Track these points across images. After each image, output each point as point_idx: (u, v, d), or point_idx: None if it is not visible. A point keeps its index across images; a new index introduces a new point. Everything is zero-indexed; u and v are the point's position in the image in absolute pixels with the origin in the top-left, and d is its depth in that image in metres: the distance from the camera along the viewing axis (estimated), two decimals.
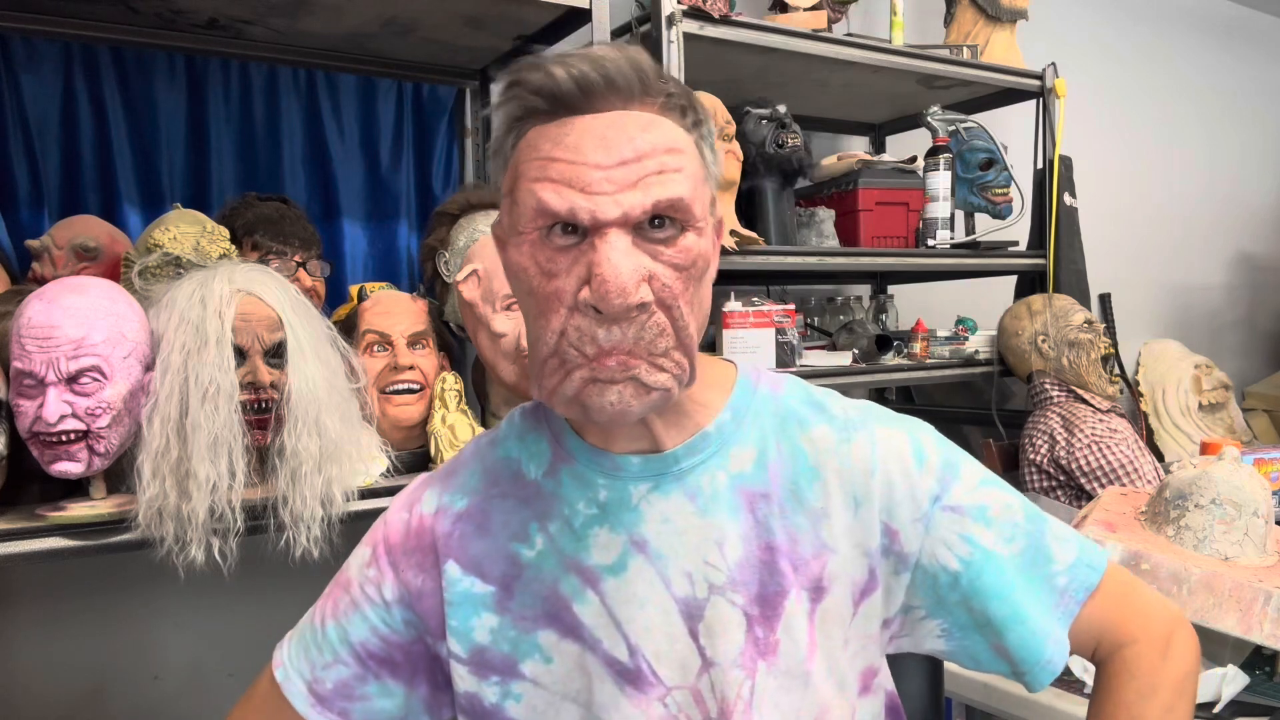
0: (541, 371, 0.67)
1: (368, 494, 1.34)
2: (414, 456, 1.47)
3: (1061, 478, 2.06)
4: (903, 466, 0.77)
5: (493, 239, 0.74)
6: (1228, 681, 1.13)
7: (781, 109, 1.95)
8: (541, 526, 0.75)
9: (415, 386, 1.47)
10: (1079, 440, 2.02)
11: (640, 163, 0.63)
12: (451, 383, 1.49)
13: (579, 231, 0.64)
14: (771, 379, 0.81)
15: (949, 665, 1.33)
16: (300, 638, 0.83)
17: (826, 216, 2.12)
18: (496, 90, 0.68)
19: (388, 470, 1.41)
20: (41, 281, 1.35)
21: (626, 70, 0.64)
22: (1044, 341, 2.20)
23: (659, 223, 0.65)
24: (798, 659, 0.73)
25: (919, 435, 0.79)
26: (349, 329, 1.50)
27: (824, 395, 0.81)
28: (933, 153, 2.15)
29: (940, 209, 2.13)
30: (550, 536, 0.75)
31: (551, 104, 0.65)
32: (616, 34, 1.74)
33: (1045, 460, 2.08)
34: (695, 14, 1.71)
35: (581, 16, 1.62)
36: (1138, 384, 3.23)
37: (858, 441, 0.77)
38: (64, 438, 1.12)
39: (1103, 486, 1.98)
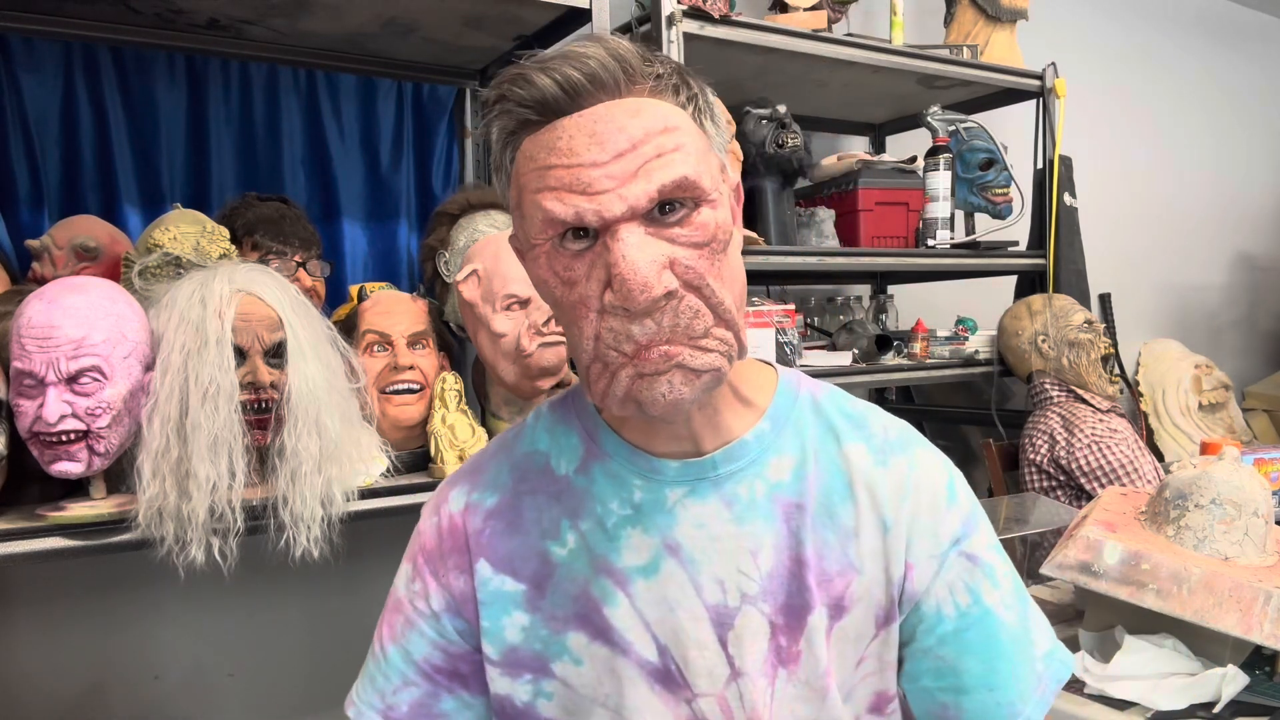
0: (587, 377, 0.66)
1: (368, 494, 1.34)
2: (414, 456, 1.47)
3: (1061, 478, 2.06)
4: (933, 499, 0.76)
5: (513, 251, 0.74)
6: (1228, 681, 1.13)
7: (781, 109, 1.95)
8: (574, 524, 0.74)
9: (415, 386, 1.47)
10: (1079, 440, 2.02)
11: (636, 151, 0.62)
12: (451, 383, 1.49)
13: (590, 234, 0.63)
14: (812, 386, 0.80)
15: None
16: (365, 673, 0.81)
17: (826, 216, 2.12)
18: (487, 104, 0.67)
19: (388, 470, 1.41)
20: (41, 281, 1.35)
21: (608, 62, 0.63)
22: (1044, 341, 2.20)
23: (669, 206, 0.63)
24: (818, 672, 0.72)
25: (954, 473, 0.79)
26: (349, 329, 1.49)
27: (864, 410, 0.80)
28: (933, 153, 2.15)
29: (940, 209, 2.13)
30: (582, 535, 0.73)
31: (541, 111, 0.63)
32: (616, 34, 1.74)
33: (1045, 460, 2.08)
34: (695, 14, 1.71)
35: (581, 16, 1.63)
36: (1138, 384, 3.23)
37: (894, 465, 0.76)
38: (64, 438, 1.12)
39: (1103, 486, 1.98)
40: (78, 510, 1.18)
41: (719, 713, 0.71)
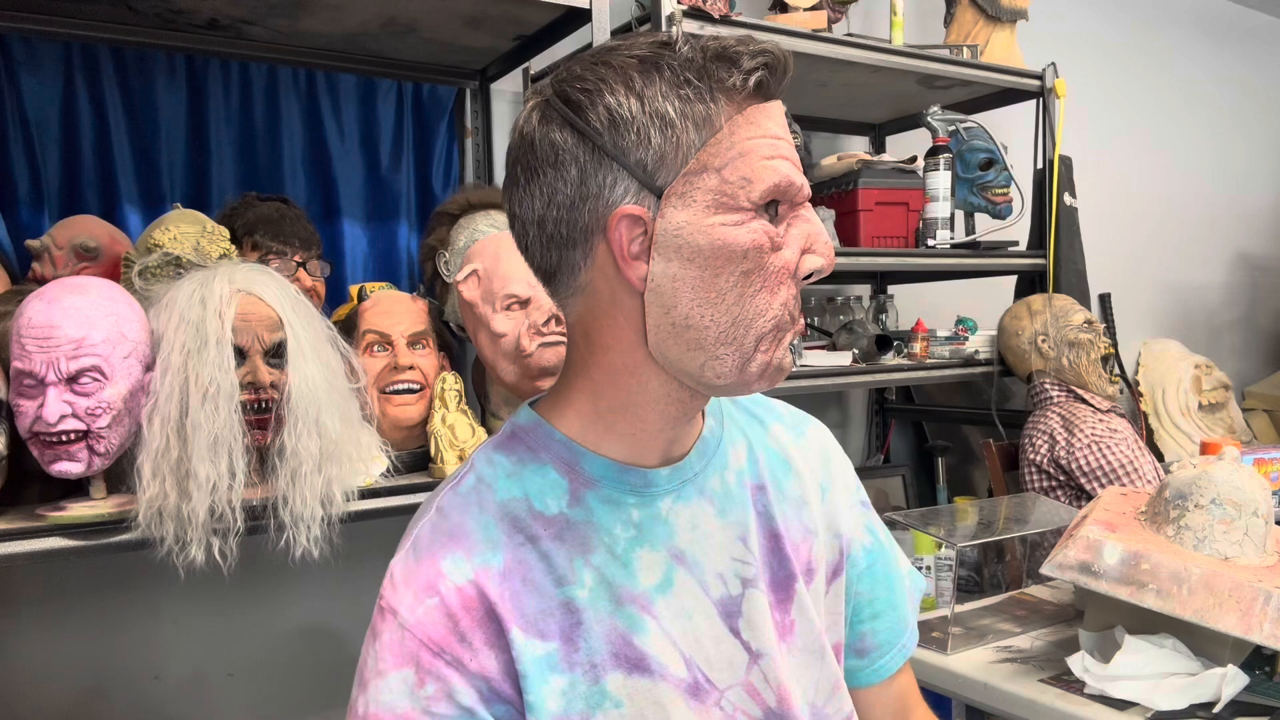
0: (755, 349, 0.66)
1: (368, 494, 1.34)
2: (414, 456, 1.47)
3: (1061, 478, 2.06)
4: (840, 459, 0.87)
5: (623, 220, 0.65)
6: (1228, 681, 1.13)
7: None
8: (586, 561, 0.70)
9: (415, 386, 1.47)
10: (1079, 440, 2.02)
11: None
12: (451, 383, 1.49)
13: (775, 207, 0.67)
14: None
15: (949, 663, 1.33)
16: None
17: (826, 216, 2.12)
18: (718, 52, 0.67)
19: (388, 470, 1.41)
20: (41, 281, 1.35)
21: None
22: (1044, 341, 2.20)
23: None
24: (813, 636, 0.77)
25: None
26: (349, 329, 1.50)
27: (762, 397, 0.87)
28: (933, 153, 2.15)
29: (940, 209, 2.13)
30: (597, 570, 0.70)
31: (776, 81, 0.67)
32: (616, 34, 1.74)
33: (1045, 460, 2.08)
34: (695, 14, 1.71)
35: (581, 16, 1.62)
36: (1138, 384, 3.23)
37: (809, 435, 0.86)
38: (64, 438, 1.12)
39: (1103, 486, 1.98)
40: (78, 510, 1.18)
41: (747, 699, 0.72)
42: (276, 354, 1.25)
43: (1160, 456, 3.00)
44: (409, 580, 0.68)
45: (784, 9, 2.02)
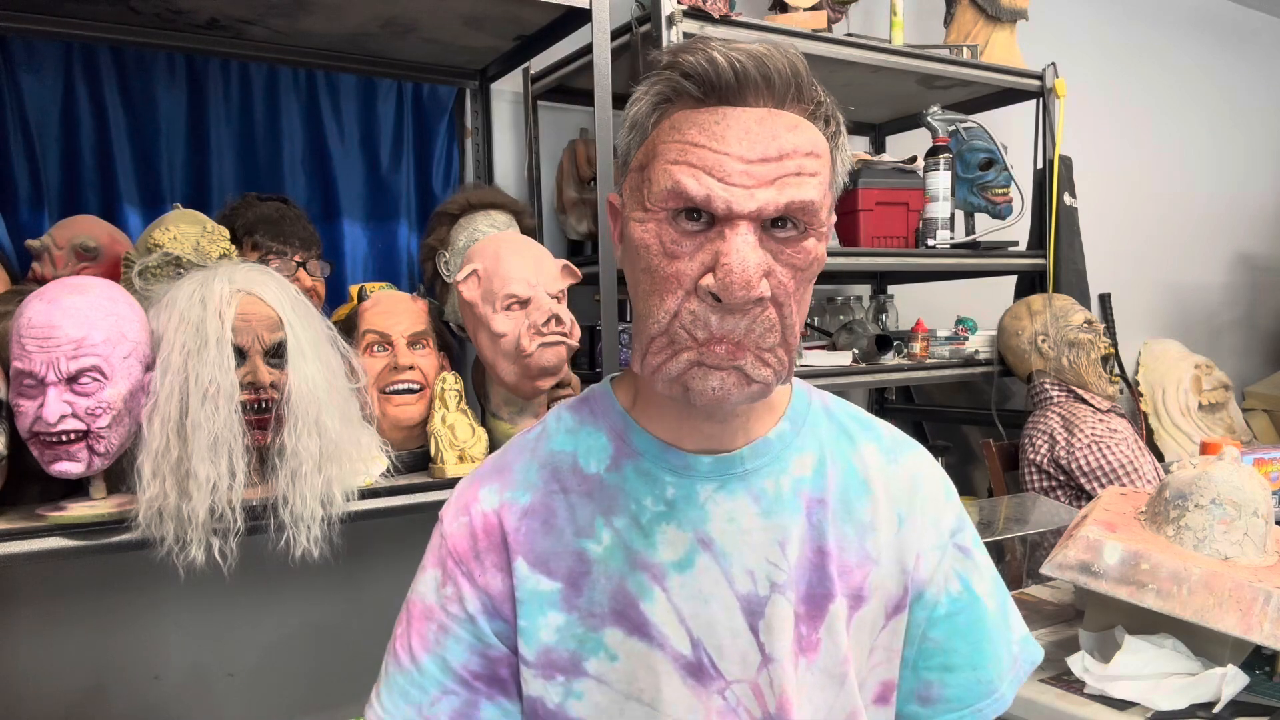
0: (648, 349, 0.69)
1: (368, 494, 1.34)
2: (414, 456, 1.47)
3: (1061, 478, 2.06)
4: (936, 494, 0.82)
5: (608, 207, 0.77)
6: (1228, 681, 1.13)
7: None
8: (608, 522, 0.75)
9: (415, 386, 1.47)
10: (1079, 440, 2.02)
11: (781, 162, 0.65)
12: (451, 383, 1.49)
13: (706, 219, 0.66)
14: (822, 395, 0.86)
15: None
16: (391, 685, 0.78)
17: None
18: (654, 64, 0.70)
19: (388, 470, 1.41)
20: (41, 281, 1.35)
21: (785, 72, 0.66)
22: (1044, 341, 2.20)
23: (783, 223, 0.66)
24: (837, 659, 0.76)
25: (945, 474, 0.86)
26: (349, 329, 1.50)
27: (869, 416, 0.86)
28: (933, 153, 2.15)
29: (940, 209, 2.13)
30: (617, 532, 0.75)
31: (704, 90, 0.66)
32: (616, 34, 1.74)
33: (1045, 460, 2.08)
34: (695, 14, 1.71)
35: (581, 16, 1.63)
36: (1138, 384, 3.23)
37: (903, 462, 0.82)
38: (64, 438, 1.12)
39: (1102, 486, 1.98)
40: (78, 510, 1.18)
41: (751, 697, 0.74)
42: (276, 354, 1.25)
43: (1160, 456, 3.00)
44: (458, 498, 0.80)
45: (784, 9, 2.02)
